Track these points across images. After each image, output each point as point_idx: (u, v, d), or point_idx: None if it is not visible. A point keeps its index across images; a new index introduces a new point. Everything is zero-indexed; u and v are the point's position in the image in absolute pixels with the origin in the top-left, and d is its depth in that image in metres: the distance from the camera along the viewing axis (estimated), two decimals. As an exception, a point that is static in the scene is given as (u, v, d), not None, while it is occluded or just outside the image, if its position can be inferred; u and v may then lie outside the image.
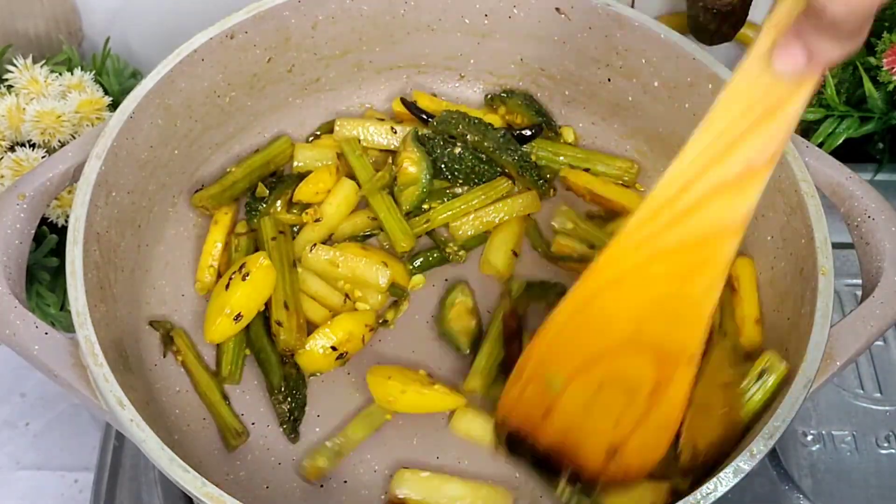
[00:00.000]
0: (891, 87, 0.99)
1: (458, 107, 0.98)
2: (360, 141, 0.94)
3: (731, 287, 0.83)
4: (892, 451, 0.91)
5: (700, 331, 0.67)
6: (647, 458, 0.72)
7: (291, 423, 0.80)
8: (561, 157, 0.96)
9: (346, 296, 0.86)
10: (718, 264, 0.64)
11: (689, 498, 0.65)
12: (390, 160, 0.93)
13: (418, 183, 0.90)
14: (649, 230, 0.65)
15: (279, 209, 0.91)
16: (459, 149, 0.91)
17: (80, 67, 1.01)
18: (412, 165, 0.90)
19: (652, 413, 0.70)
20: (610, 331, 0.69)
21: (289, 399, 0.81)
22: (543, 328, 0.72)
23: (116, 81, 1.05)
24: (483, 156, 0.92)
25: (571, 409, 0.72)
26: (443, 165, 0.91)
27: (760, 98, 0.59)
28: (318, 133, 0.98)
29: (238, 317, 0.81)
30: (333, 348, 0.81)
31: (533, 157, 0.95)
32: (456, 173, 0.92)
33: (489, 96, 0.99)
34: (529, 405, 0.74)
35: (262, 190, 0.90)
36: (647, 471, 0.72)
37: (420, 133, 0.93)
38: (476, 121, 0.93)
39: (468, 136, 0.92)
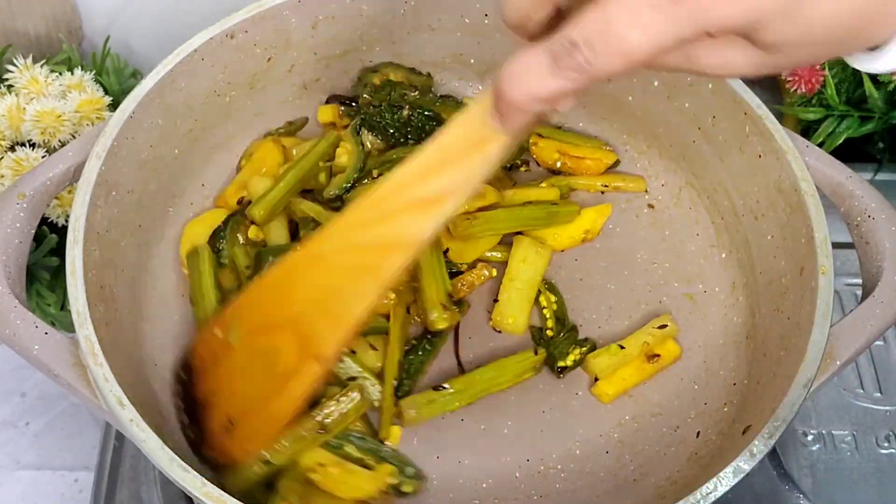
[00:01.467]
0: (891, 86, 1.00)
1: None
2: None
3: None
4: (892, 451, 0.91)
5: (339, 336, 0.70)
6: (248, 443, 0.75)
7: None
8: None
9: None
10: (382, 273, 0.67)
11: (690, 497, 0.66)
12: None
13: (346, 172, 0.90)
14: (358, 221, 0.68)
15: None
16: (407, 111, 0.92)
17: (80, 67, 1.01)
18: (344, 155, 0.91)
19: (273, 399, 0.74)
20: (286, 305, 0.72)
21: None
22: (257, 281, 0.76)
23: (116, 81, 1.05)
24: (430, 112, 0.93)
25: (230, 369, 0.76)
26: (395, 132, 0.92)
27: (472, 136, 0.61)
28: (282, 130, 0.97)
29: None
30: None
31: None
32: (409, 136, 0.93)
33: (358, 78, 0.98)
34: (209, 348, 0.77)
35: None
36: (241, 457, 0.75)
37: (364, 113, 0.93)
38: (404, 83, 0.94)
39: (407, 96, 0.93)
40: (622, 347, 0.84)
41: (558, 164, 0.95)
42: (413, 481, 0.77)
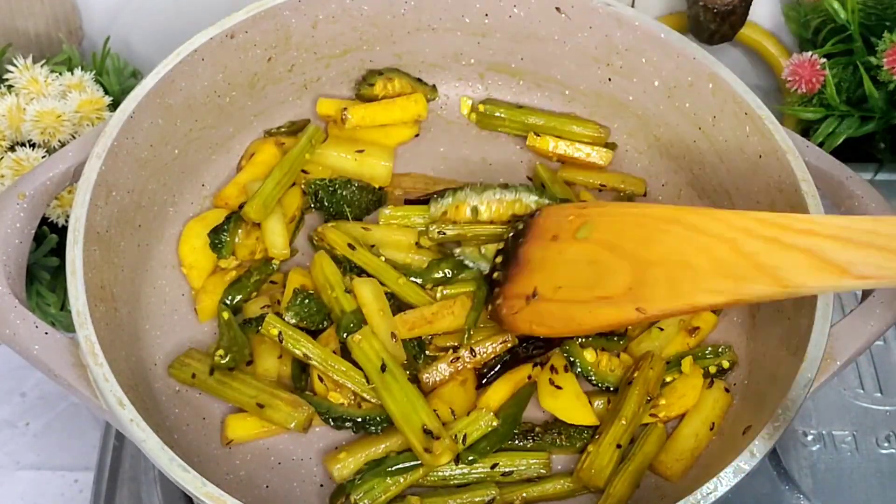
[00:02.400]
0: (891, 86, 0.99)
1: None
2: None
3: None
4: (892, 451, 0.91)
5: (668, 309, 0.74)
6: (528, 321, 0.82)
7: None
8: (532, 120, 0.97)
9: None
10: (744, 288, 0.68)
11: (690, 498, 0.66)
12: None
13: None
14: (755, 224, 0.69)
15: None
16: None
17: (80, 67, 1.01)
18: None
19: (578, 306, 0.79)
20: (642, 243, 0.76)
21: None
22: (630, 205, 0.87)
23: (116, 81, 1.05)
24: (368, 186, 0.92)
25: (563, 253, 0.82)
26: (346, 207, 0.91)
27: None
28: (283, 130, 0.97)
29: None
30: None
31: (499, 122, 0.98)
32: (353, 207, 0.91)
33: (362, 78, 0.98)
34: (556, 222, 0.84)
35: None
36: (511, 324, 0.83)
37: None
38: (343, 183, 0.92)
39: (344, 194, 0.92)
40: (661, 329, 0.85)
41: (555, 160, 0.96)
42: None
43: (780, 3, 1.18)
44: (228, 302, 0.85)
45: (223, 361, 0.80)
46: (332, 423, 0.79)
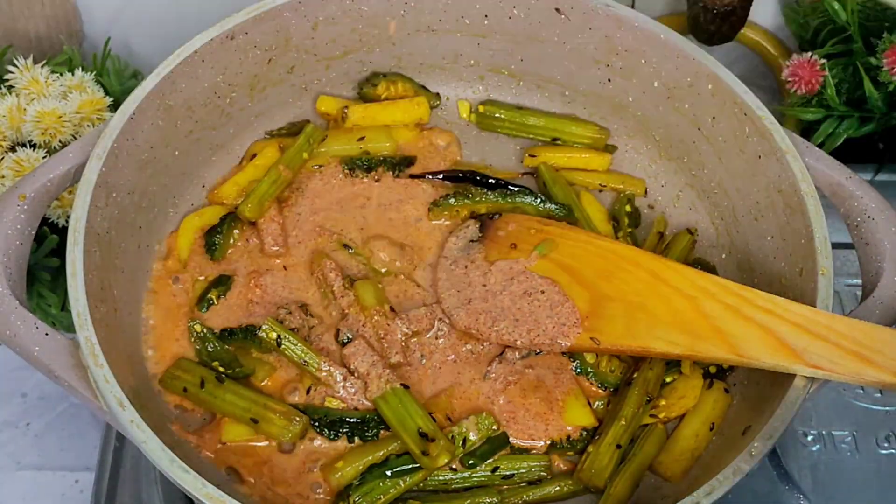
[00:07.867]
0: (891, 87, 1.00)
1: None
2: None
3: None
4: (892, 451, 0.91)
5: (618, 344, 0.79)
6: None
7: None
8: (531, 121, 0.97)
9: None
10: (699, 345, 0.75)
11: (690, 498, 0.66)
12: None
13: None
14: (718, 290, 0.76)
15: None
16: None
17: (80, 68, 1.01)
18: None
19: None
20: (603, 275, 0.81)
21: None
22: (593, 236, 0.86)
23: (117, 82, 1.05)
24: None
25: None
26: None
27: None
28: (283, 131, 0.97)
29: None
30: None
31: (499, 123, 0.98)
32: None
33: (366, 79, 0.98)
34: (520, 231, 0.86)
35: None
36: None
37: None
38: None
39: None
40: None
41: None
42: None
43: (780, 4, 1.18)
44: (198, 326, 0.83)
45: (213, 374, 0.80)
46: (328, 433, 0.79)
